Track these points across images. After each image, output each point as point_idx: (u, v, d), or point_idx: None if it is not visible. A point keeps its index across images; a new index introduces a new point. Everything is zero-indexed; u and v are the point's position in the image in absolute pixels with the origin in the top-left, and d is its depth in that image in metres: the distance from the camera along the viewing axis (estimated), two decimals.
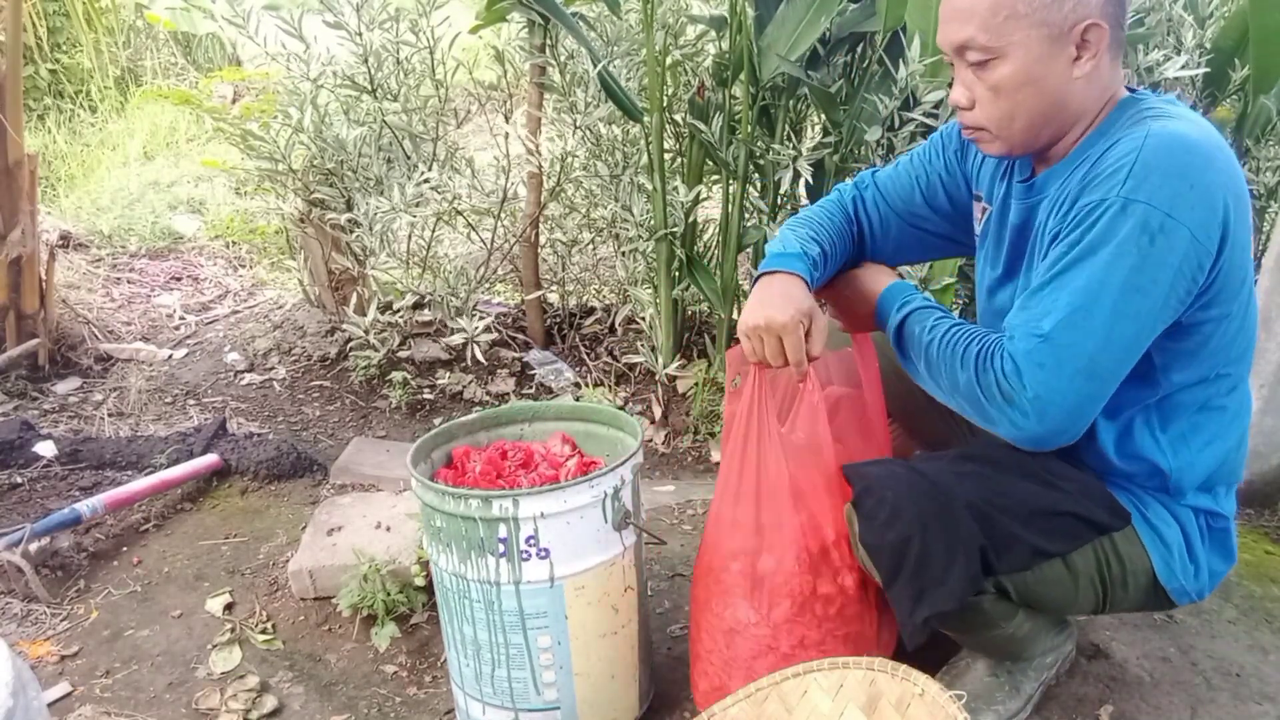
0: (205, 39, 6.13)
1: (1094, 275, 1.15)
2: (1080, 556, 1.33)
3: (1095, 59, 1.21)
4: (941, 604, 1.24)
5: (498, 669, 1.43)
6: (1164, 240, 1.13)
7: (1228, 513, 1.38)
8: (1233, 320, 1.25)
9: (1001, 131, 1.27)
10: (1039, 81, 1.22)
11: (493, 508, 1.34)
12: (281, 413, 2.74)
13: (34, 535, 1.91)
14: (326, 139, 2.64)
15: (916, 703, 1.20)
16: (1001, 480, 1.30)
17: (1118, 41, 1.25)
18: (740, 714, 1.36)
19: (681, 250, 2.60)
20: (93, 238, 4.06)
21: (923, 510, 1.24)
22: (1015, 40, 1.19)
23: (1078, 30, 1.19)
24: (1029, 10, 1.18)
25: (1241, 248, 1.21)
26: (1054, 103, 1.24)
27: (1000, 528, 1.26)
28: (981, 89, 1.25)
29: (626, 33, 2.60)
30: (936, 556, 1.23)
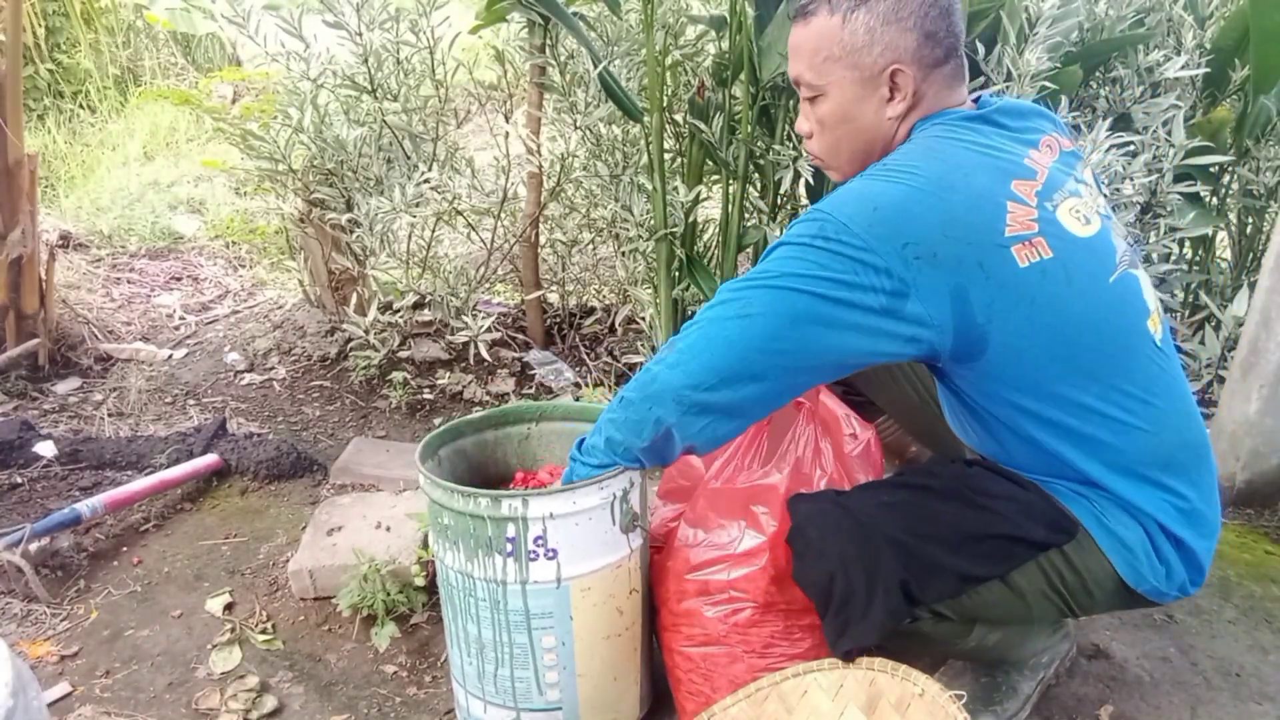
0: (205, 39, 6.12)
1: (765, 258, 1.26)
2: (1021, 575, 1.33)
3: (906, 100, 1.30)
4: (864, 638, 1.28)
5: (501, 668, 1.43)
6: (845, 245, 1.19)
7: (1190, 508, 1.34)
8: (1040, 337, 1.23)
9: (832, 161, 1.40)
10: (854, 120, 1.33)
11: (502, 507, 1.34)
12: (281, 413, 2.74)
13: (34, 535, 1.91)
14: (326, 139, 2.64)
15: (916, 703, 1.21)
16: (928, 508, 1.32)
17: (941, 76, 1.31)
18: (740, 714, 1.36)
19: (681, 250, 2.60)
20: (93, 238, 4.06)
21: (844, 548, 1.28)
22: (832, 80, 1.31)
23: (886, 74, 1.29)
24: (842, 54, 1.29)
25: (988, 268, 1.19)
26: (870, 139, 1.34)
27: (923, 558, 1.28)
28: (814, 121, 1.37)
29: (626, 33, 2.60)
30: (858, 592, 1.27)
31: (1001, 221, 1.21)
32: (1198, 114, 2.51)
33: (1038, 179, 1.26)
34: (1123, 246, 1.32)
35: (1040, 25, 2.13)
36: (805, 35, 1.32)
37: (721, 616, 1.45)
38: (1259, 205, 2.62)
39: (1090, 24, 2.36)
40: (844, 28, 1.28)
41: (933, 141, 1.28)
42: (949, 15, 1.29)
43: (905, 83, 1.28)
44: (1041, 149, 1.32)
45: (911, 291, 1.19)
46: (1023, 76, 2.11)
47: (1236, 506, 2.26)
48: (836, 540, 1.29)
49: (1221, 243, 2.85)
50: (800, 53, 1.33)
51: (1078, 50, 2.33)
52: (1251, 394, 2.19)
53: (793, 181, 2.48)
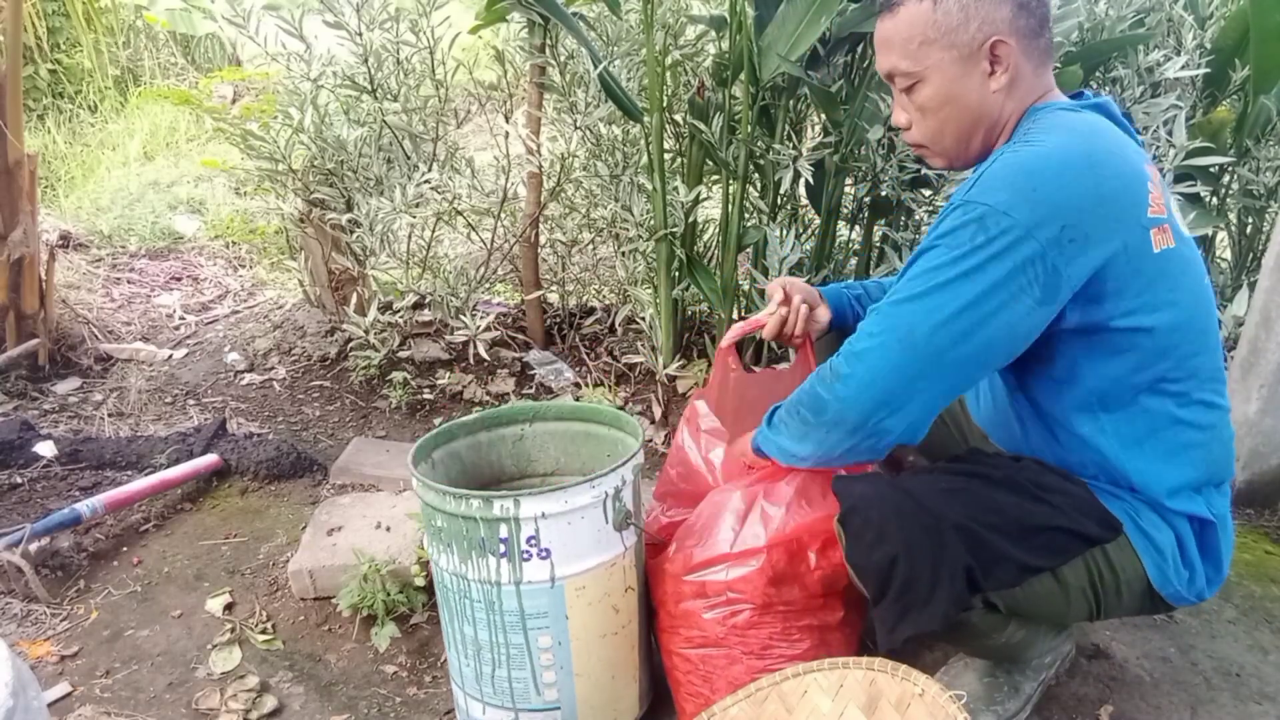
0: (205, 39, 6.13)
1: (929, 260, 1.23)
2: (1070, 570, 1.33)
3: (1009, 72, 1.29)
4: (925, 624, 1.26)
5: (498, 669, 1.44)
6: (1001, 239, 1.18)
7: (1219, 515, 1.37)
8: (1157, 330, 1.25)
9: (936, 146, 1.38)
10: (958, 99, 1.31)
11: (494, 508, 1.34)
12: (281, 413, 2.74)
13: (34, 535, 1.91)
14: (326, 139, 2.64)
15: (916, 703, 1.20)
16: (990, 496, 1.31)
17: (1037, 50, 1.31)
18: (740, 714, 1.36)
19: (681, 250, 2.60)
20: (93, 238, 4.06)
21: (908, 531, 1.25)
22: (931, 64, 1.30)
23: (986, 48, 1.28)
24: (938, 35, 1.28)
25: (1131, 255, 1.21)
26: (976, 116, 1.32)
27: (987, 546, 1.27)
28: (913, 110, 1.36)
29: (626, 33, 2.60)
30: (922, 577, 1.24)
31: (1145, 201, 1.22)
32: (1198, 114, 2.51)
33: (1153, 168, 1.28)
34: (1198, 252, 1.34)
35: None
36: (895, 25, 1.31)
37: (720, 618, 1.45)
38: (1259, 205, 2.62)
39: (1090, 24, 2.36)
40: (936, 9, 1.27)
41: (1067, 118, 1.27)
42: None
43: (1006, 54, 1.27)
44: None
45: (1064, 278, 1.19)
46: None
47: (1236, 506, 2.26)
48: (899, 523, 1.25)
49: (1221, 243, 2.85)
50: (892, 44, 1.32)
51: (1078, 50, 2.32)
52: (1251, 394, 2.19)
53: (793, 181, 2.48)
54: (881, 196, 2.46)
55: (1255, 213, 2.68)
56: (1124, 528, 1.32)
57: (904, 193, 2.41)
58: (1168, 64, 2.30)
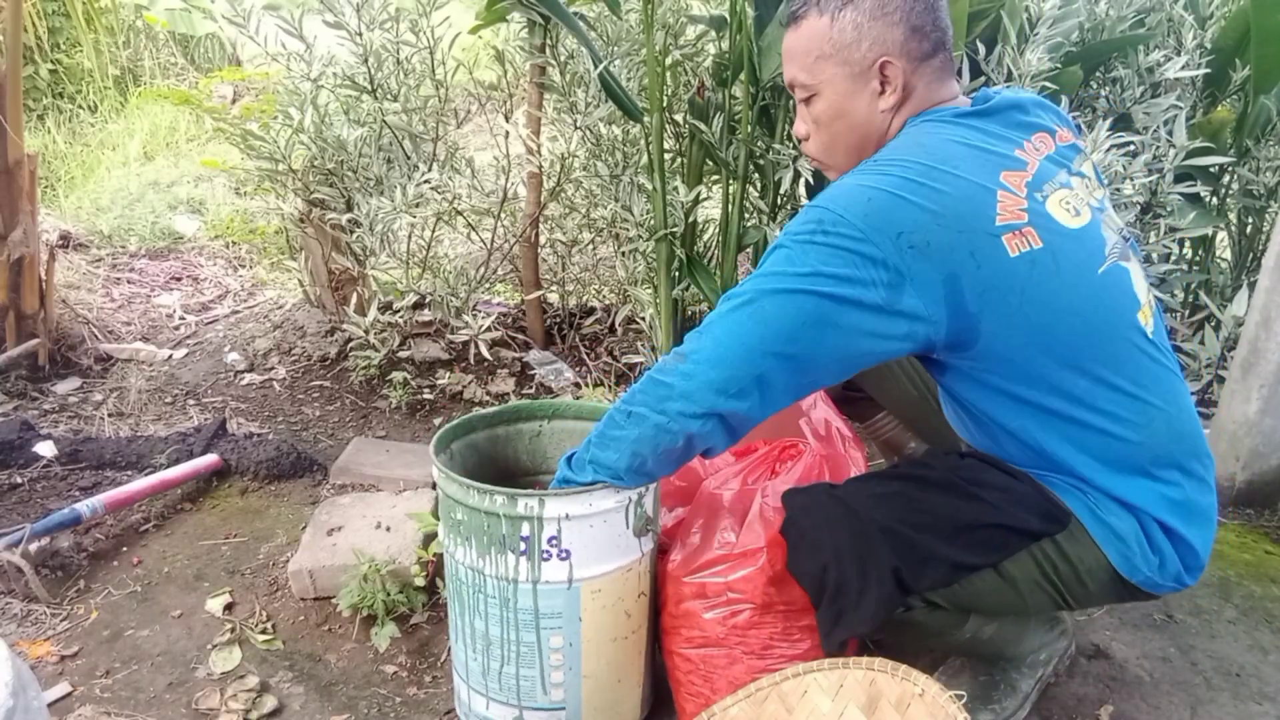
0: (205, 39, 6.12)
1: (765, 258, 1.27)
2: (1014, 565, 1.34)
3: (897, 92, 1.33)
4: (858, 626, 1.30)
5: (506, 665, 1.43)
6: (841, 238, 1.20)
7: (1186, 499, 1.34)
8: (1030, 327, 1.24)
9: (828, 159, 1.43)
10: (848, 114, 1.36)
11: (518, 505, 1.34)
12: (281, 413, 2.74)
13: (34, 535, 1.91)
14: (326, 139, 2.64)
15: (916, 703, 1.21)
16: (921, 498, 1.34)
17: (931, 69, 1.34)
18: (740, 714, 1.36)
19: (681, 250, 2.60)
20: (93, 238, 4.06)
21: (837, 538, 1.30)
22: (825, 78, 1.34)
23: (876, 67, 1.32)
24: (833, 51, 1.32)
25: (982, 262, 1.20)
26: (865, 133, 1.37)
27: (916, 547, 1.29)
28: (810, 122, 1.41)
29: (626, 33, 2.60)
30: (850, 582, 1.29)
31: (992, 210, 1.22)
32: (1198, 114, 2.51)
33: (1027, 170, 1.28)
34: (1113, 239, 1.33)
35: (1041, 25, 2.13)
36: (796, 38, 1.36)
37: (720, 619, 1.45)
38: (1259, 205, 2.62)
39: (1090, 24, 2.36)
40: (833, 26, 1.31)
41: (921, 135, 1.30)
42: (934, 10, 1.32)
43: (895, 75, 1.31)
44: (1035, 141, 1.33)
45: (907, 283, 1.20)
46: (1023, 76, 2.12)
47: (1236, 506, 2.26)
48: (830, 530, 1.30)
49: (1221, 243, 2.85)
50: (793, 55, 1.37)
51: (1078, 50, 2.33)
52: (1251, 394, 2.19)
53: (793, 181, 2.48)
54: None
55: (1255, 213, 2.68)
56: (1073, 519, 1.32)
57: None
58: (1168, 64, 2.30)
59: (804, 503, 1.36)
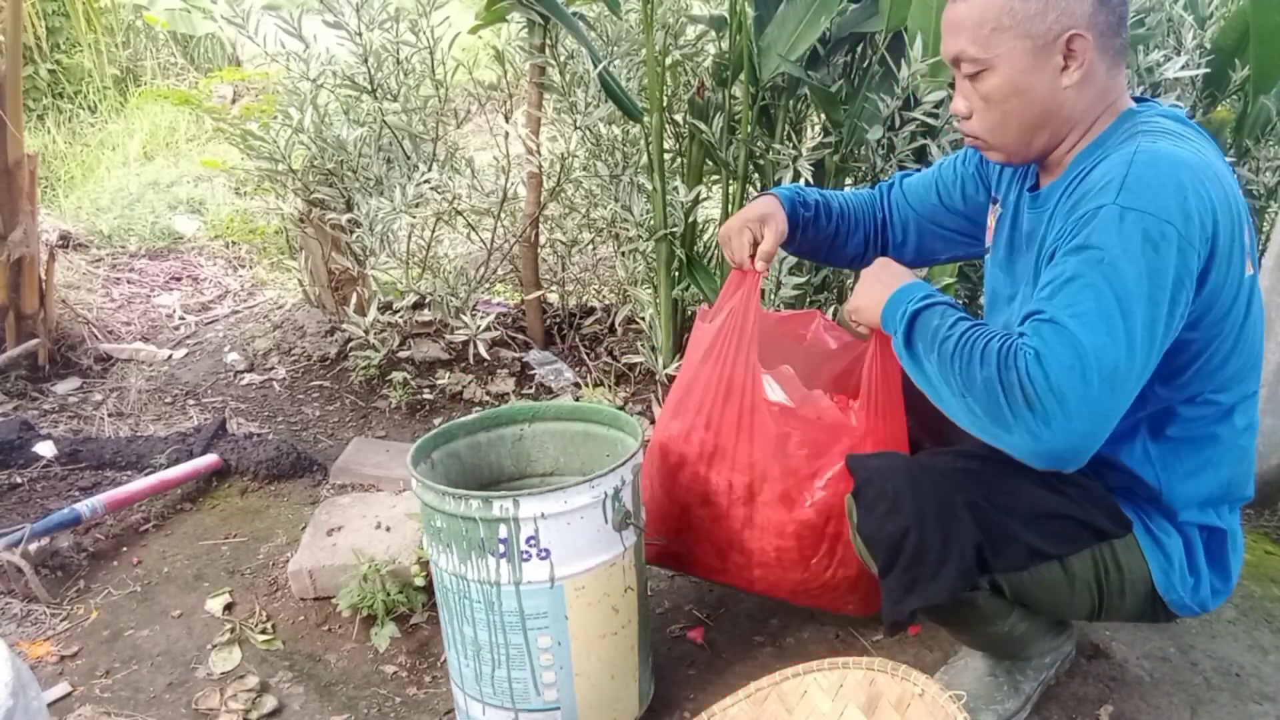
0: (205, 39, 6.12)
1: (1110, 282, 1.12)
2: (1078, 560, 1.33)
3: (1083, 68, 1.24)
4: (932, 596, 1.25)
5: (498, 669, 1.43)
6: (1165, 248, 1.13)
7: (1230, 529, 1.37)
8: (1223, 342, 1.24)
9: (995, 140, 1.32)
10: (1026, 92, 1.25)
11: (493, 508, 1.34)
12: (281, 413, 2.74)
13: (34, 535, 1.91)
14: (326, 139, 2.64)
15: (916, 703, 1.21)
16: (1004, 479, 1.30)
17: (1113, 49, 1.26)
18: (740, 714, 1.36)
19: (681, 250, 2.60)
20: (92, 238, 4.06)
21: (922, 504, 1.25)
22: (1002, 52, 1.23)
23: (1062, 41, 1.22)
24: (1013, 23, 1.22)
25: (1232, 267, 1.20)
26: (1044, 112, 1.27)
27: (999, 526, 1.27)
28: (976, 99, 1.30)
29: (626, 33, 2.60)
30: (932, 550, 1.24)
31: (1245, 224, 1.22)
32: (1198, 114, 2.51)
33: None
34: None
35: None
36: (968, 8, 1.25)
37: None
38: (1259, 205, 2.62)
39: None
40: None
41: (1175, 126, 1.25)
42: None
43: (1083, 49, 1.22)
44: None
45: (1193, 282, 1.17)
46: None
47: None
48: (913, 496, 1.26)
49: None
50: (962, 27, 1.26)
51: None
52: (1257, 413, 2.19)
53: (793, 181, 2.47)
54: None
55: (1255, 213, 2.68)
56: (1134, 527, 1.32)
57: None
58: (1168, 64, 2.30)
59: (881, 466, 1.32)
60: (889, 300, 1.33)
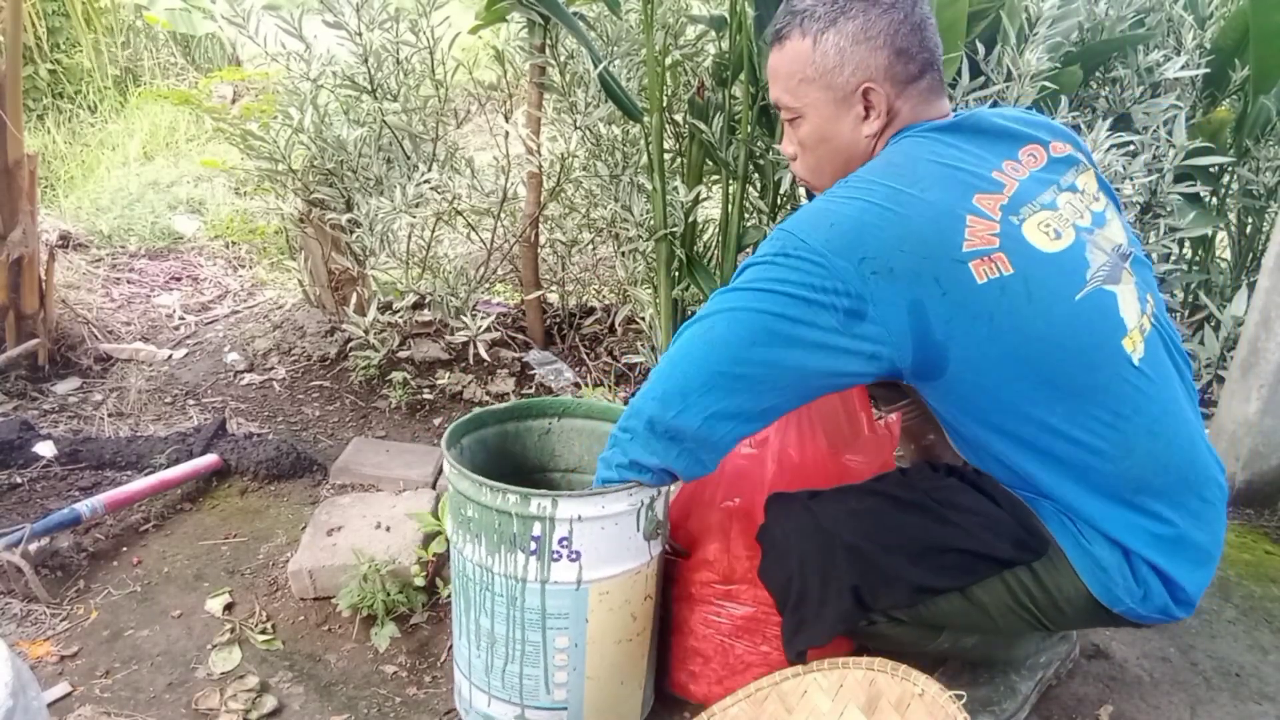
0: (205, 39, 6.12)
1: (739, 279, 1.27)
2: (982, 589, 1.33)
3: (881, 117, 1.31)
4: (815, 638, 1.33)
5: (510, 664, 1.43)
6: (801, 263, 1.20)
7: (1167, 534, 1.29)
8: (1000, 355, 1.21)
9: (816, 181, 1.41)
10: (832, 139, 1.35)
11: (531, 505, 1.34)
12: (281, 413, 2.74)
13: (34, 535, 1.91)
14: (326, 139, 2.64)
15: (916, 703, 1.21)
16: (892, 518, 1.34)
17: (918, 91, 1.31)
18: (740, 714, 1.36)
19: (681, 250, 2.60)
20: (92, 238, 4.05)
21: (805, 550, 1.32)
22: (809, 102, 1.33)
23: (859, 93, 1.30)
24: (816, 75, 1.31)
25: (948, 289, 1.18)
26: (849, 157, 1.35)
27: (877, 567, 1.31)
28: (796, 143, 1.40)
29: (626, 33, 2.60)
30: (812, 594, 1.32)
31: (959, 236, 1.19)
32: (1198, 114, 2.52)
33: (1004, 192, 1.24)
34: (1101, 260, 1.27)
35: (1040, 25, 2.13)
36: (780, 59, 1.34)
37: None
38: (1259, 205, 2.62)
39: (1090, 24, 2.36)
40: (815, 49, 1.29)
41: (895, 155, 1.28)
42: (921, 31, 1.29)
43: (878, 100, 1.30)
44: (1022, 156, 1.30)
45: (869, 308, 1.18)
46: (1023, 76, 2.12)
47: (1236, 506, 2.26)
48: (799, 542, 1.33)
49: (1221, 243, 2.85)
50: (777, 76, 1.36)
51: (1078, 50, 2.33)
52: (1251, 394, 2.19)
53: (792, 181, 2.48)
54: None
55: (1255, 213, 2.68)
56: (1051, 546, 1.29)
57: None
58: (1168, 64, 2.31)
59: (779, 511, 1.38)
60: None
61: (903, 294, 1.18)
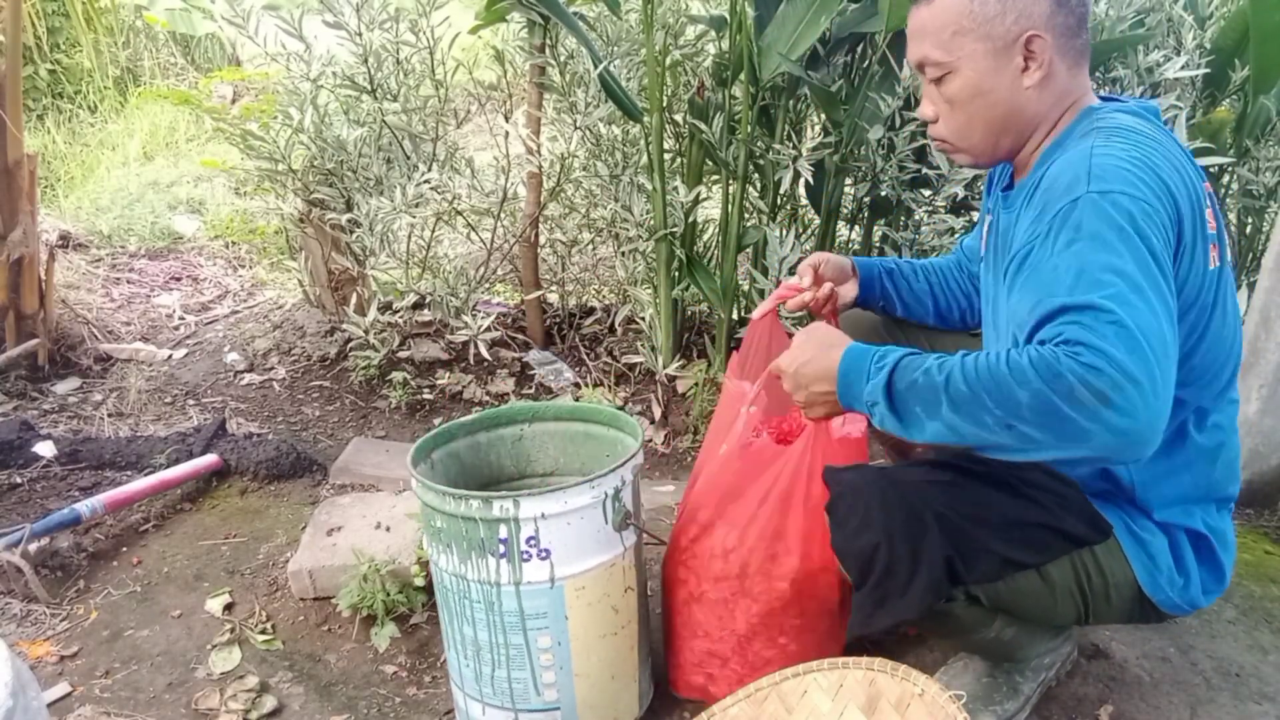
0: (205, 39, 6.13)
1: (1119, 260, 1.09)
2: (1056, 568, 1.33)
3: (1043, 69, 1.26)
4: (902, 612, 1.25)
5: (498, 669, 1.43)
6: (1149, 224, 1.12)
7: (1217, 528, 1.36)
8: (1188, 335, 1.23)
9: (962, 142, 1.35)
10: (989, 93, 1.28)
11: (493, 508, 1.34)
12: (281, 413, 2.74)
13: (34, 535, 1.91)
14: (326, 139, 2.64)
15: (916, 703, 1.20)
16: (976, 490, 1.30)
17: (1073, 50, 1.29)
18: (740, 714, 1.36)
19: (681, 250, 2.60)
20: (92, 238, 4.06)
21: (891, 519, 1.24)
22: (964, 55, 1.27)
23: (1021, 42, 1.25)
24: (973, 25, 1.25)
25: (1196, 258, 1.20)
26: (1007, 112, 1.30)
27: (969, 538, 1.26)
28: (941, 103, 1.33)
29: (626, 33, 2.60)
30: (901, 565, 1.23)
31: (1204, 213, 1.21)
32: (1198, 114, 2.51)
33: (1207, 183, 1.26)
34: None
35: None
36: (930, 13, 1.28)
37: None
38: (1259, 205, 2.62)
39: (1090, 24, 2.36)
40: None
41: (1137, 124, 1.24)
42: None
43: (1042, 50, 1.25)
44: None
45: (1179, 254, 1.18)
46: None
47: (1237, 506, 2.25)
48: (883, 511, 1.25)
49: None
50: (925, 32, 1.29)
51: None
52: (1251, 394, 2.19)
53: (793, 181, 2.48)
54: (881, 196, 2.46)
55: (1255, 213, 2.68)
56: (1114, 531, 1.32)
57: (904, 193, 2.41)
58: (1168, 64, 2.30)
59: (853, 481, 1.30)
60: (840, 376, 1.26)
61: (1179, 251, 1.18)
